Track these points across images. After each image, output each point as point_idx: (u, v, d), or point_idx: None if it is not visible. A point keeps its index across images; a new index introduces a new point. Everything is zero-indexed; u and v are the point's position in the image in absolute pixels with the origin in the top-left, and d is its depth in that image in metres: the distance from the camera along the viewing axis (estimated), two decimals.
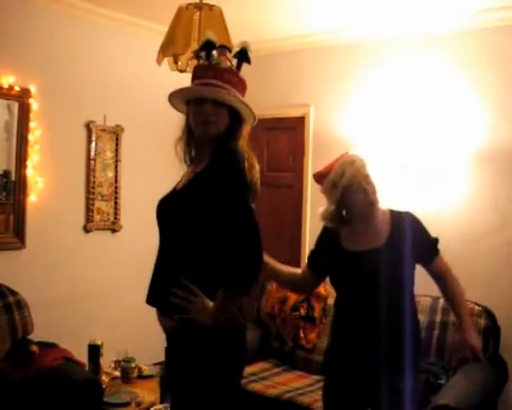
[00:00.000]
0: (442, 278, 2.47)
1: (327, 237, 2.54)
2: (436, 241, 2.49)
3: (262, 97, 4.86)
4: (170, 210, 1.99)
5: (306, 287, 2.78)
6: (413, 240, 2.38)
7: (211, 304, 1.89)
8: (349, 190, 2.38)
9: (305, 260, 4.70)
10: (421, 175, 4.02)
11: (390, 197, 2.58)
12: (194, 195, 1.92)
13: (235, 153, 1.93)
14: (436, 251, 2.48)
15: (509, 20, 3.75)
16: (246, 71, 2.15)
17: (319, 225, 2.60)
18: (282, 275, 2.61)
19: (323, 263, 2.55)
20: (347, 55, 4.48)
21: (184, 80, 3.26)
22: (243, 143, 2.00)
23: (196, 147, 2.05)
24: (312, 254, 2.64)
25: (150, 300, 2.02)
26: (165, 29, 2.88)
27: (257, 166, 1.98)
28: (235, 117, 2.00)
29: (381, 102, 4.29)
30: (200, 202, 1.89)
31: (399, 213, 2.48)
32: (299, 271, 2.73)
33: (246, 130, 2.03)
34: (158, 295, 1.99)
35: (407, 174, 4.02)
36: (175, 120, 2.22)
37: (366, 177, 2.41)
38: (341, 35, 4.43)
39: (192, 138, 2.03)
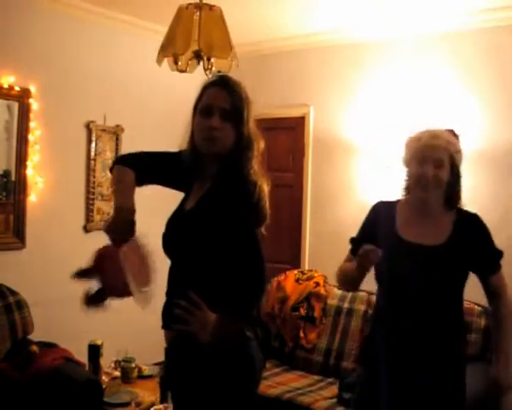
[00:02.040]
0: (494, 296, 2.23)
1: (379, 217, 2.28)
2: (500, 254, 2.25)
3: (262, 97, 4.85)
4: (178, 232, 1.91)
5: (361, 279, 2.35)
6: (474, 246, 2.20)
7: (212, 318, 1.81)
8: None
9: (305, 260, 4.75)
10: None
11: (390, 197, 2.57)
12: (201, 219, 1.84)
13: (244, 179, 1.82)
14: (497, 266, 2.22)
15: (508, 20, 3.75)
16: (246, 71, 2.15)
17: (319, 225, 2.53)
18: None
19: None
20: (347, 55, 4.48)
21: (184, 80, 3.27)
22: (255, 165, 1.88)
23: (202, 163, 1.92)
24: (358, 237, 2.35)
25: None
26: (165, 29, 2.88)
27: (266, 191, 1.88)
28: (243, 135, 1.86)
29: (381, 102, 4.30)
30: (206, 226, 1.81)
31: (467, 213, 2.28)
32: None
33: (258, 149, 1.91)
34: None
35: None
36: (175, 120, 2.22)
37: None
38: (341, 35, 4.43)
39: (197, 153, 1.91)
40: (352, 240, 2.38)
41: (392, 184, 4.07)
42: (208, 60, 2.76)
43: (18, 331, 3.45)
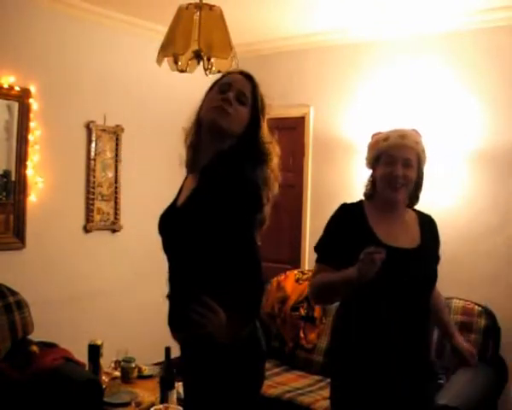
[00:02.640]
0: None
1: (349, 220, 2.21)
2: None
3: None
4: (173, 227, 1.82)
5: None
6: (437, 246, 2.24)
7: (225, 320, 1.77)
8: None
9: (305, 260, 4.75)
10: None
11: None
12: (195, 212, 1.74)
13: (243, 175, 1.72)
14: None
15: (508, 20, 3.75)
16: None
17: (319, 225, 2.45)
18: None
19: (345, 251, 2.11)
20: (347, 55, 4.48)
21: (184, 80, 3.27)
22: (273, 162, 1.81)
23: (201, 146, 1.81)
24: (326, 243, 2.24)
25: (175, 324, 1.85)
26: (165, 29, 2.88)
27: (270, 197, 1.80)
28: (254, 127, 1.79)
29: (381, 102, 4.29)
30: (201, 220, 1.72)
31: (425, 214, 2.28)
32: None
33: (274, 155, 1.82)
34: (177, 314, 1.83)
35: None
36: (175, 120, 2.21)
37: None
38: (341, 35, 4.43)
39: (199, 139, 1.81)
40: (320, 247, 2.25)
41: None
42: (208, 60, 2.75)
43: (18, 331, 3.45)
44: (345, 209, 2.26)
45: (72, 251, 4.20)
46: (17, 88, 3.78)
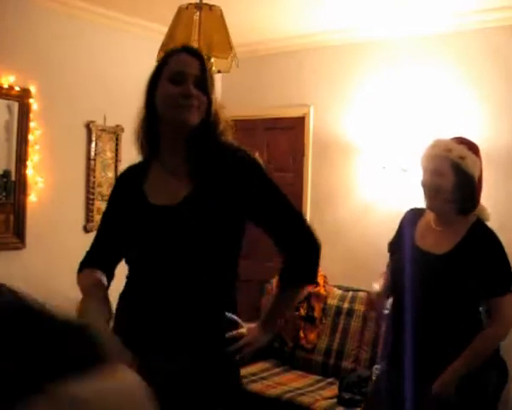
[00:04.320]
0: (493, 318, 2.17)
1: (408, 223, 2.35)
2: (506, 280, 2.15)
3: (262, 97, 4.87)
4: (189, 232, 1.61)
5: None
6: (479, 261, 2.13)
7: (253, 327, 1.70)
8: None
9: None
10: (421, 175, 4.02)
11: (391, 198, 2.58)
12: (215, 204, 1.62)
13: (231, 146, 1.68)
14: (502, 290, 2.13)
15: (509, 20, 3.75)
16: (246, 71, 2.14)
17: (319, 225, 2.50)
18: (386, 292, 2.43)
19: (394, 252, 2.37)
20: (347, 55, 4.48)
21: None
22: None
23: (162, 139, 1.70)
24: (393, 241, 2.44)
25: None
26: (165, 29, 2.88)
27: None
28: (213, 103, 1.67)
29: (382, 102, 4.29)
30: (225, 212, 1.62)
31: (482, 225, 2.22)
32: (385, 276, 2.45)
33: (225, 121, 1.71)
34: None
35: (408, 175, 4.01)
36: None
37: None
38: (341, 35, 4.42)
39: (157, 127, 1.70)
40: (389, 245, 2.48)
41: (392, 185, 4.08)
42: (208, 60, 2.76)
43: None
44: (405, 215, 2.43)
45: (72, 251, 4.18)
46: (17, 88, 3.78)
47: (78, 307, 1.65)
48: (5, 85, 3.72)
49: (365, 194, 4.29)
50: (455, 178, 2.15)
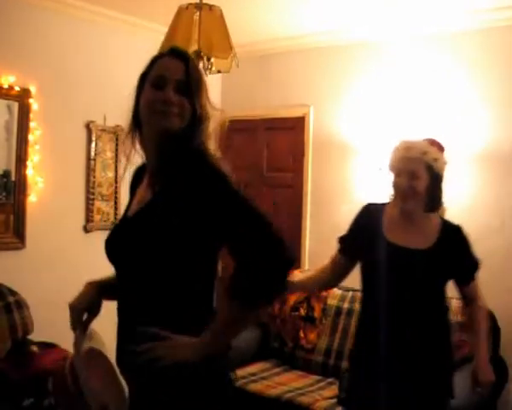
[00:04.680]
0: (470, 301, 2.39)
1: (366, 219, 2.41)
2: (477, 266, 2.38)
3: (262, 97, 4.87)
4: (135, 243, 1.56)
5: (336, 277, 2.53)
6: (457, 255, 2.32)
7: (185, 339, 1.47)
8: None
9: (305, 260, 4.74)
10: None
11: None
12: (160, 220, 1.49)
13: (203, 155, 1.52)
14: (474, 277, 2.38)
15: (509, 20, 3.75)
16: (246, 71, 2.14)
17: (318, 226, 2.57)
18: (307, 283, 2.56)
19: (359, 246, 2.39)
20: (347, 55, 4.47)
21: None
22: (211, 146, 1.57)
23: (146, 148, 1.61)
24: (346, 236, 2.48)
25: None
26: (165, 29, 2.88)
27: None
28: (199, 110, 1.55)
29: (382, 102, 4.29)
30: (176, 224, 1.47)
31: (451, 224, 2.38)
32: (319, 268, 2.58)
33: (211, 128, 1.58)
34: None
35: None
36: None
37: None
38: (341, 35, 4.42)
39: (139, 133, 1.62)
40: (340, 239, 2.49)
41: (388, 186, 4.08)
42: (208, 60, 2.76)
43: (18, 331, 3.45)
44: (364, 209, 2.46)
45: (72, 251, 4.20)
46: (17, 88, 3.78)
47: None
48: (5, 85, 3.73)
49: (365, 194, 4.29)
50: (428, 179, 2.25)
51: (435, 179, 2.27)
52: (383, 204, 2.42)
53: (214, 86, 4.92)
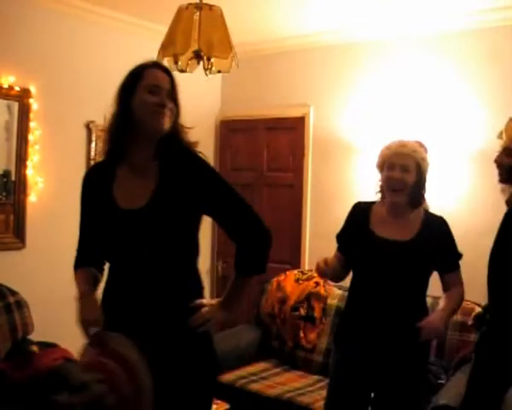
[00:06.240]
0: (451, 286, 2.54)
1: (356, 216, 2.62)
2: (460, 256, 2.56)
3: (262, 97, 4.87)
4: (153, 229, 1.88)
5: (346, 272, 2.71)
6: (439, 245, 2.48)
7: (214, 304, 1.96)
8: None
9: (305, 260, 4.75)
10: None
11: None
12: (176, 207, 1.87)
13: (187, 145, 1.95)
14: (456, 266, 2.55)
15: (509, 20, 3.75)
16: (246, 71, 2.15)
17: (319, 226, 2.64)
18: (336, 271, 2.67)
19: (350, 241, 2.60)
20: (347, 55, 4.48)
21: (184, 80, 3.26)
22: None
23: (132, 145, 1.92)
24: (341, 234, 2.69)
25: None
26: (165, 29, 2.88)
27: None
28: (179, 114, 1.97)
29: (382, 102, 4.30)
30: (178, 206, 1.87)
31: (434, 215, 2.56)
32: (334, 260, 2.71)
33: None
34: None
35: None
36: None
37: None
38: (341, 35, 4.43)
39: (129, 132, 1.92)
40: (337, 237, 2.71)
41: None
42: (208, 60, 2.76)
43: (18, 331, 3.45)
44: (354, 207, 2.67)
45: (72, 251, 4.18)
46: (17, 88, 3.78)
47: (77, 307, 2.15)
48: (5, 85, 3.73)
49: (365, 193, 4.28)
50: (416, 175, 2.46)
51: (420, 177, 2.47)
52: (372, 202, 2.62)
53: (214, 86, 4.94)
